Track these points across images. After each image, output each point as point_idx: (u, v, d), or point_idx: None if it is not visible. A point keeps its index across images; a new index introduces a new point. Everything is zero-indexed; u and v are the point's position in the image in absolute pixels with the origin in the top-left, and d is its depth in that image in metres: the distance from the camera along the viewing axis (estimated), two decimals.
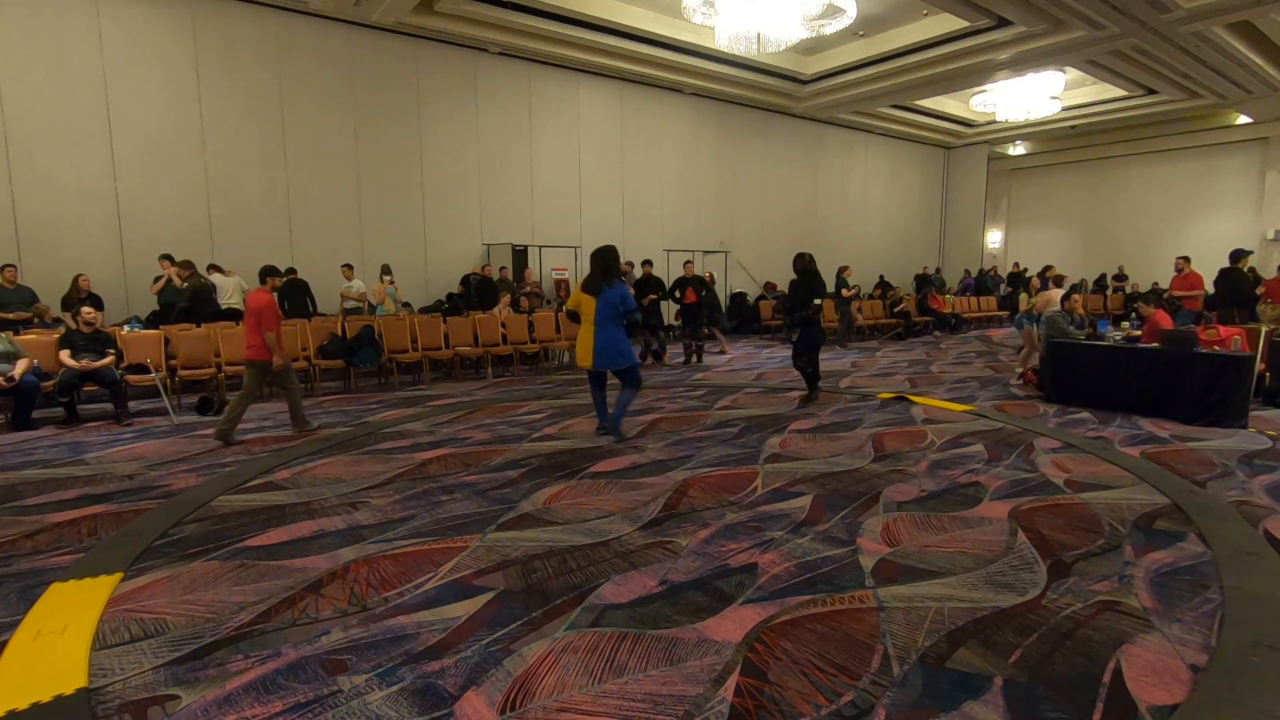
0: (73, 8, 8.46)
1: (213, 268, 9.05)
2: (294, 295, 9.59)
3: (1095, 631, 2.63)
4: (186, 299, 8.27)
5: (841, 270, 13.52)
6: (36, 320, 7.67)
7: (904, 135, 18.94)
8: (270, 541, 3.54)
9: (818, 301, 6.94)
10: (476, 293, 10.76)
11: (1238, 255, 9.58)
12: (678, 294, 10.94)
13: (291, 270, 9.74)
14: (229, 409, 5.68)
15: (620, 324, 5.42)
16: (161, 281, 8.50)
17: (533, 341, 10.10)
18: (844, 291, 13.21)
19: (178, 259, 8.48)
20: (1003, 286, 18.26)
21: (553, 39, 11.09)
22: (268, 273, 6.14)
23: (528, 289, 11.25)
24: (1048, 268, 11.01)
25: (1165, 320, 7.49)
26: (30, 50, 8.26)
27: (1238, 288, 9.35)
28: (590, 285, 5.39)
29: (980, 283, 18.77)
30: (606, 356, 5.40)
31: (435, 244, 11.56)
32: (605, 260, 5.41)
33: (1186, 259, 10.11)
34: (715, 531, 3.65)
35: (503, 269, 11.55)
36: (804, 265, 7.05)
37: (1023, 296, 10.08)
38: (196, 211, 9.46)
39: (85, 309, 6.85)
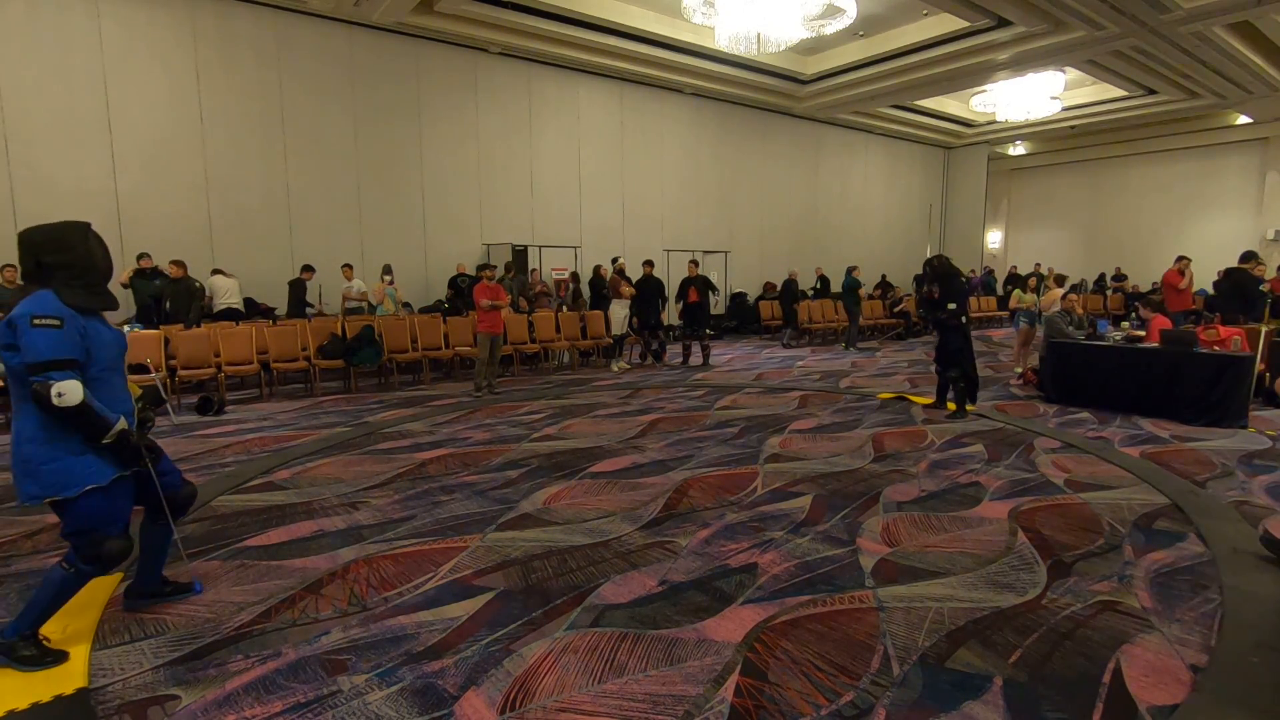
0: (73, 8, 8.46)
1: (215, 271, 9.06)
2: (302, 297, 9.62)
3: (1095, 631, 2.63)
4: (172, 297, 8.25)
5: (851, 270, 13.49)
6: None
7: (904, 135, 18.93)
8: (270, 541, 3.54)
9: (952, 305, 6.67)
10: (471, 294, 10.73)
11: (1247, 257, 9.57)
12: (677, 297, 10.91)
13: (308, 267, 9.77)
14: None
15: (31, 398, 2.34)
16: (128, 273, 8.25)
17: (533, 341, 10.10)
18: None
19: (177, 259, 8.47)
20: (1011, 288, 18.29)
21: (553, 39, 11.09)
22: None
23: (537, 289, 11.23)
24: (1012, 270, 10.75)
25: (1166, 325, 7.54)
26: (30, 50, 8.25)
27: (1244, 288, 9.32)
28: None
29: (985, 283, 18.74)
30: (15, 474, 2.42)
31: (435, 244, 11.55)
32: (32, 246, 2.53)
33: (1186, 259, 10.08)
34: (715, 531, 3.65)
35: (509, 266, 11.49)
36: (944, 267, 6.71)
37: (1016, 293, 10.06)
38: (196, 211, 9.46)
39: None
